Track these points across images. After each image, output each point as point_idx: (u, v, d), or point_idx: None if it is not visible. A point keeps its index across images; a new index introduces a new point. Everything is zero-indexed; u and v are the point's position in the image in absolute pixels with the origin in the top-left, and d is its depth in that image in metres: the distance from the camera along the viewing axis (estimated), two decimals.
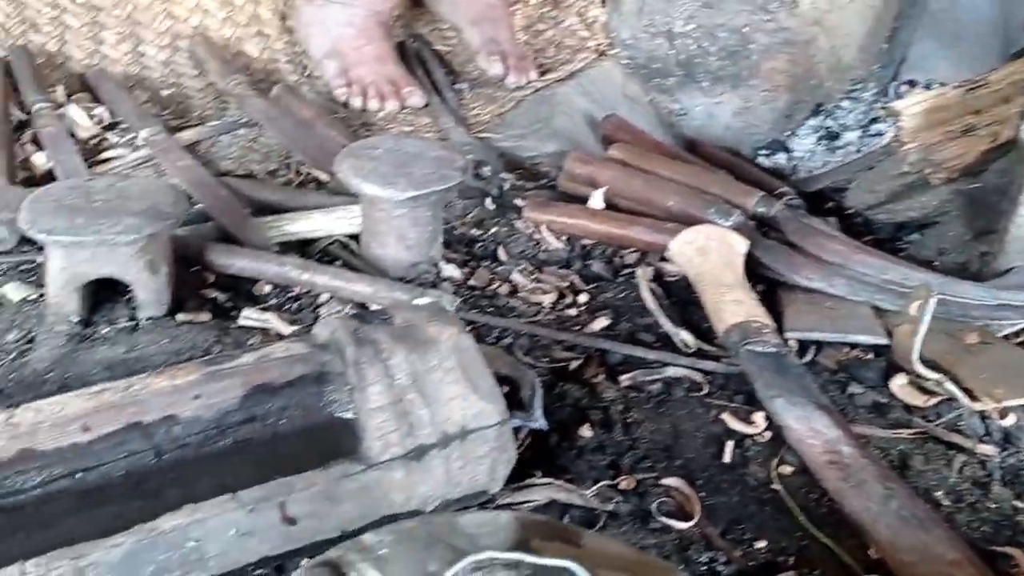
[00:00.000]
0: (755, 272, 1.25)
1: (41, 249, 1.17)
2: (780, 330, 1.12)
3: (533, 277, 1.26)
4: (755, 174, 1.68)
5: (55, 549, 0.73)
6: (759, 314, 1.11)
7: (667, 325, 1.14)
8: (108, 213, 1.00)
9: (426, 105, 1.65)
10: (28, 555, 0.75)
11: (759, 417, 1.00)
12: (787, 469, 0.95)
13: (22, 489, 0.83)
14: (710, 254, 1.21)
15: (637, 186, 1.40)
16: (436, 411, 0.81)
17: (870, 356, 1.14)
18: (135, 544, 0.71)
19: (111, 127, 1.50)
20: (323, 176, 1.42)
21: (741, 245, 1.24)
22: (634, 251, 1.35)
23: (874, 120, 1.96)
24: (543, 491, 0.90)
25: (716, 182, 1.43)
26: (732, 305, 1.12)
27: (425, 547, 0.59)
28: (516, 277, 1.25)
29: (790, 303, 1.22)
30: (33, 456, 0.82)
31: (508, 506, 0.89)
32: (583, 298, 1.22)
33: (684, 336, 1.13)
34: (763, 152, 1.96)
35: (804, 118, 1.97)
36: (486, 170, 1.47)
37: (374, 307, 1.13)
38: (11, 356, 1.00)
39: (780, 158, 1.95)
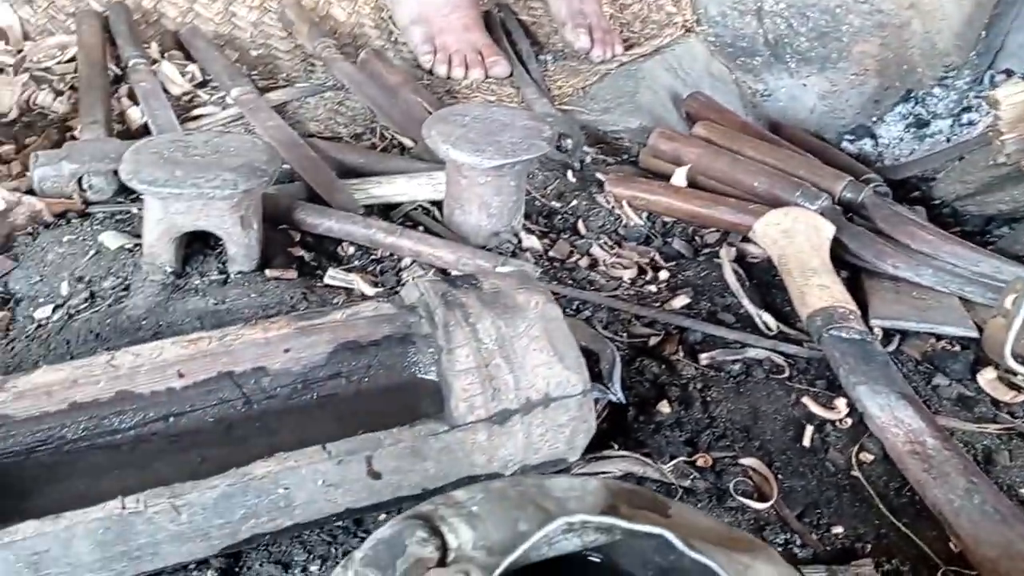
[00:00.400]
0: (839, 257, 1.22)
1: (136, 200, 1.21)
2: (865, 317, 1.11)
3: (613, 252, 1.25)
4: (840, 159, 1.64)
5: (147, 488, 0.76)
6: (844, 300, 1.10)
7: (749, 306, 1.13)
8: (206, 167, 1.02)
9: (510, 75, 1.65)
10: (123, 492, 0.77)
11: (841, 403, 0.99)
12: (867, 457, 0.94)
13: (118, 429, 0.86)
14: (796, 237, 1.19)
15: (722, 166, 1.39)
16: (521, 377, 0.82)
17: (956, 348, 1.11)
18: (228, 487, 0.74)
19: (202, 85, 1.53)
20: (407, 141, 1.43)
21: (828, 229, 1.21)
22: (715, 231, 1.34)
23: (966, 109, 1.90)
24: (620, 463, 0.91)
25: (803, 165, 1.40)
26: (817, 290, 1.10)
27: (516, 507, 0.60)
28: (596, 251, 1.25)
29: (875, 291, 1.20)
30: (131, 398, 0.85)
31: (585, 475, 0.89)
32: (663, 275, 1.21)
33: (766, 318, 1.12)
34: (848, 137, 1.92)
35: (893, 104, 1.92)
36: (568, 143, 1.46)
37: (456, 273, 1.14)
38: (108, 302, 1.03)
39: (866, 144, 1.91)
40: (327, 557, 0.81)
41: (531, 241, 1.23)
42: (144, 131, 1.37)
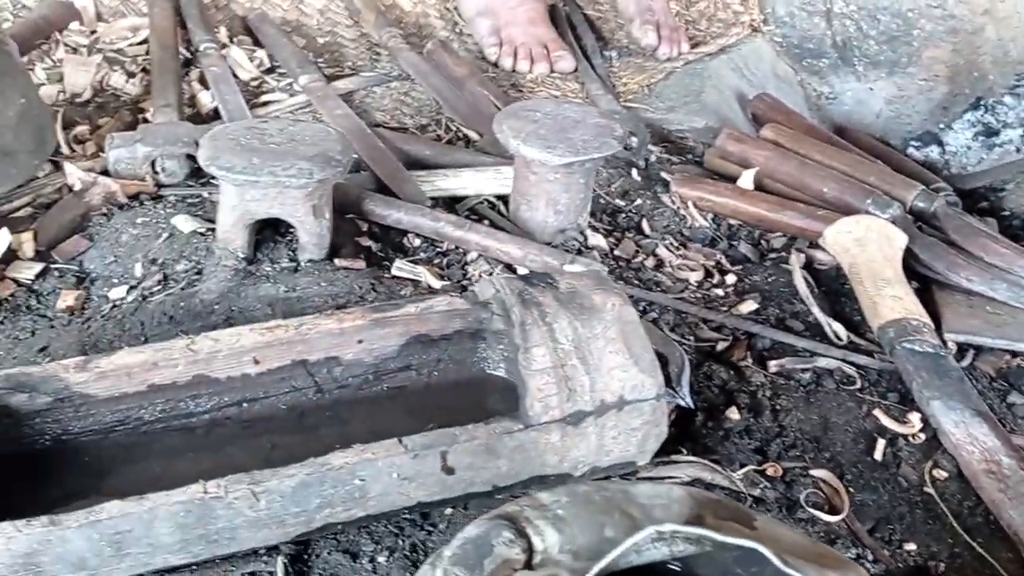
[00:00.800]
0: (910, 268, 1.20)
1: (207, 184, 1.22)
2: (937, 331, 1.09)
3: (679, 253, 1.24)
4: (907, 166, 1.61)
5: (219, 471, 0.77)
6: (918, 312, 1.08)
7: (819, 314, 1.12)
8: (282, 156, 1.03)
9: (575, 70, 1.64)
10: (196, 475, 0.78)
11: (914, 417, 0.97)
12: (941, 473, 0.93)
13: (194, 412, 0.87)
14: (868, 246, 1.17)
15: (791, 169, 1.37)
16: (596, 379, 0.81)
17: None
18: (307, 476, 0.74)
19: (269, 71, 1.54)
20: (473, 134, 1.43)
21: (900, 239, 1.19)
22: (781, 235, 1.32)
23: None
24: (688, 469, 0.90)
25: (873, 172, 1.38)
26: (890, 300, 1.09)
27: (601, 511, 0.60)
28: (662, 252, 1.24)
29: (948, 304, 1.17)
30: (207, 382, 0.86)
31: (652, 479, 0.89)
32: (730, 279, 1.20)
33: (836, 327, 1.10)
34: (915, 143, 1.88)
35: (962, 111, 1.88)
36: (633, 140, 1.45)
37: (522, 269, 1.14)
38: (181, 285, 1.04)
39: (932, 151, 1.88)
40: (394, 548, 0.82)
41: (597, 239, 1.23)
42: (214, 115, 1.38)
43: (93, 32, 1.53)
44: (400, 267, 1.12)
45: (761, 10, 1.87)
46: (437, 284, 1.11)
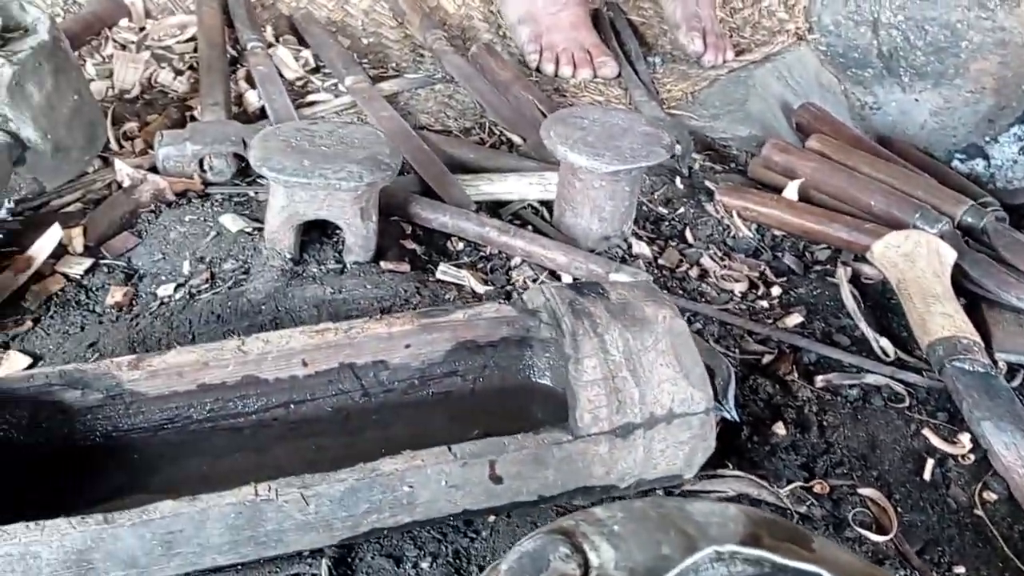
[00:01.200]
0: (958, 284, 1.18)
1: (253, 183, 1.23)
2: (987, 349, 1.07)
3: (723, 264, 1.23)
4: (952, 179, 1.59)
5: (265, 472, 0.77)
6: (968, 330, 1.06)
7: (866, 330, 1.10)
8: (332, 158, 1.03)
9: (619, 76, 1.63)
10: (242, 474, 0.79)
11: (964, 438, 0.96)
12: (991, 496, 0.91)
13: (242, 412, 0.88)
14: (918, 261, 1.16)
15: (838, 181, 1.35)
16: (646, 392, 0.81)
17: None
18: (356, 481, 0.74)
19: (315, 70, 1.55)
20: (516, 139, 1.42)
21: (950, 255, 1.18)
22: (825, 247, 1.31)
23: None
24: (734, 483, 0.89)
25: (921, 186, 1.36)
26: (940, 318, 1.07)
27: (657, 529, 0.59)
28: (706, 261, 1.23)
29: (997, 322, 1.15)
30: (256, 383, 0.87)
31: (697, 493, 0.88)
32: (775, 291, 1.19)
33: (883, 343, 1.09)
34: (959, 156, 1.86)
35: (1008, 125, 1.85)
36: (677, 148, 1.44)
37: (566, 276, 1.14)
38: (228, 284, 1.05)
39: (978, 164, 1.85)
40: (437, 554, 0.82)
41: (641, 247, 1.22)
42: (261, 115, 1.39)
43: (142, 29, 1.55)
44: (444, 271, 1.12)
45: (806, 18, 1.85)
46: (481, 289, 1.11)
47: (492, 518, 0.85)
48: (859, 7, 1.81)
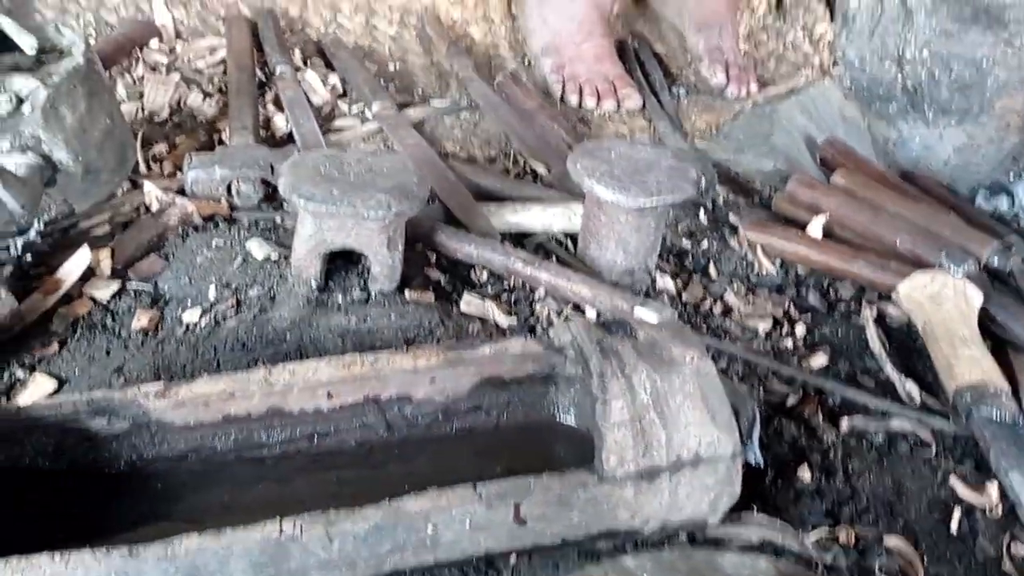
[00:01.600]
0: (984, 327, 1.17)
1: (279, 208, 1.23)
2: (1015, 395, 1.06)
3: (748, 300, 1.23)
4: (977, 217, 1.59)
5: (287, 504, 0.77)
6: (995, 377, 1.05)
7: (892, 373, 1.09)
8: (361, 187, 1.03)
9: (643, 107, 1.63)
10: (264, 506, 0.79)
11: (992, 488, 0.95)
12: (1021, 549, 0.90)
13: (265, 444, 0.88)
14: (944, 303, 1.15)
15: (863, 219, 1.35)
16: (673, 434, 0.80)
17: None
18: (381, 520, 0.74)
19: (342, 95, 1.56)
20: (541, 168, 1.42)
21: (977, 298, 1.17)
22: (850, 285, 1.30)
23: None
24: (758, 530, 0.88)
25: (947, 225, 1.36)
26: (967, 363, 1.06)
27: None
28: (730, 298, 1.23)
29: None
30: (281, 415, 0.87)
31: (720, 540, 0.87)
32: (800, 330, 1.18)
33: (909, 387, 1.08)
34: (983, 193, 1.85)
35: None
36: (701, 181, 1.44)
37: (590, 310, 1.13)
38: (253, 311, 1.05)
39: (1001, 202, 1.84)
40: None
41: (665, 281, 1.22)
42: (288, 139, 1.39)
43: (172, 51, 1.56)
44: (468, 302, 1.12)
45: (831, 53, 1.85)
46: (504, 322, 1.10)
47: (513, 559, 0.84)
48: (884, 43, 1.81)
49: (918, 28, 1.77)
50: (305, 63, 1.61)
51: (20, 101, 1.07)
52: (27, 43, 1.14)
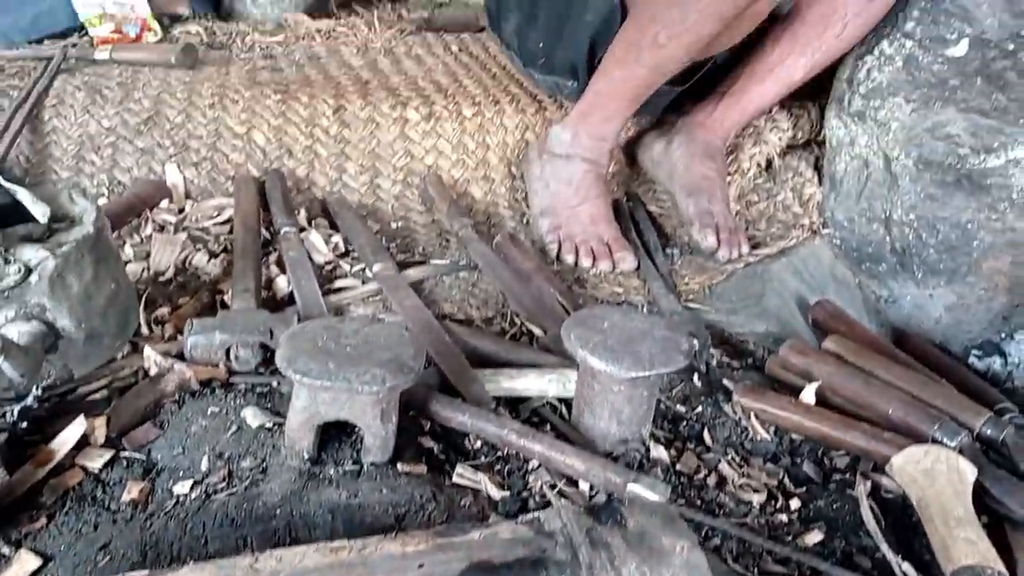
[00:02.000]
0: (978, 500, 1.17)
1: (275, 373, 1.25)
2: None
3: (742, 470, 1.23)
4: (971, 381, 1.59)
5: None
6: (992, 558, 1.04)
7: (887, 552, 1.08)
8: (357, 360, 1.05)
9: (637, 268, 1.67)
10: None
11: None
12: None
13: None
14: (938, 479, 1.15)
15: (855, 387, 1.36)
16: None
17: None
18: None
19: (344, 254, 1.60)
20: (537, 330, 1.45)
21: (970, 473, 1.17)
22: (845, 453, 1.30)
23: None
24: None
25: (940, 394, 1.36)
26: (963, 544, 1.05)
27: None
28: (724, 468, 1.22)
29: (1022, 546, 1.13)
30: None
31: None
32: (795, 503, 1.18)
33: (906, 568, 1.06)
34: (976, 352, 1.86)
35: (1023, 322, 1.86)
36: (695, 343, 1.46)
37: (584, 484, 1.13)
38: (245, 483, 1.05)
39: (995, 362, 1.85)
40: None
41: (659, 451, 1.22)
42: (290, 300, 1.42)
43: (181, 210, 1.61)
44: (461, 474, 1.12)
45: (820, 214, 1.91)
46: (497, 495, 1.10)
47: None
48: (871, 205, 1.87)
49: (903, 192, 1.83)
50: (310, 222, 1.65)
51: (29, 271, 1.10)
52: (40, 212, 1.18)
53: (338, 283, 1.50)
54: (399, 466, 1.10)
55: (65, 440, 1.05)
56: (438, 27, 2.34)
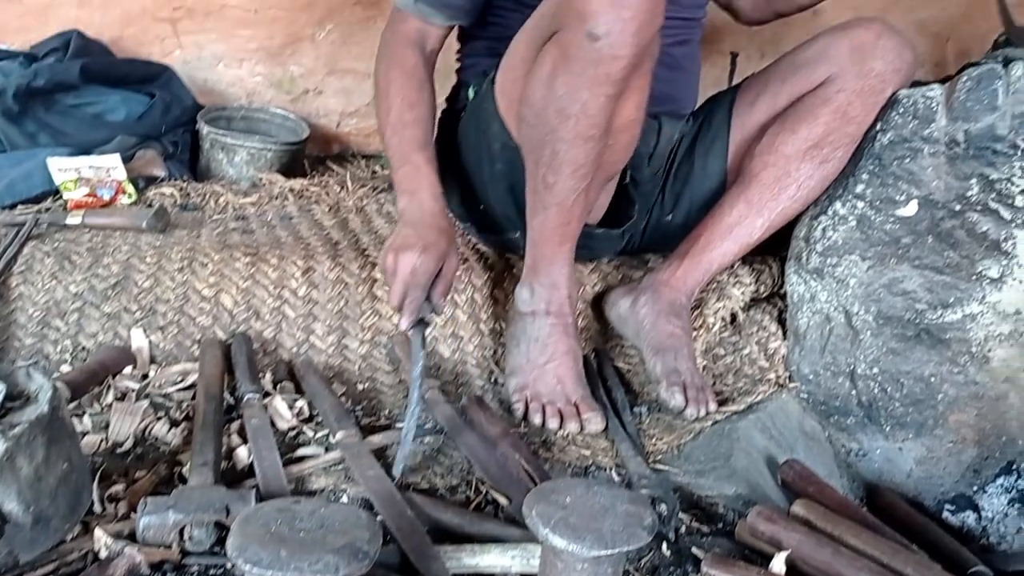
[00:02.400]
0: None
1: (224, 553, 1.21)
2: None
3: None
4: (944, 542, 1.58)
5: None
6: None
7: None
8: (310, 547, 1.03)
9: (605, 429, 1.66)
10: None
11: None
12: None
13: None
14: None
15: (824, 556, 1.34)
16: None
17: None
18: None
19: (308, 419, 1.58)
20: (502, 499, 1.43)
21: None
22: None
23: None
24: None
25: (911, 562, 1.35)
26: None
27: None
28: None
29: None
30: None
31: None
32: None
33: None
34: (949, 507, 1.85)
35: (994, 475, 1.86)
36: (663, 508, 1.44)
37: None
38: None
39: (968, 517, 1.84)
40: None
41: None
42: (251, 471, 1.40)
43: (145, 376, 1.60)
44: None
45: (786, 367, 1.93)
46: None
47: None
48: (835, 359, 1.89)
49: (866, 347, 1.86)
50: (275, 386, 1.65)
51: None
52: None
53: (300, 451, 1.48)
54: None
55: None
56: None
